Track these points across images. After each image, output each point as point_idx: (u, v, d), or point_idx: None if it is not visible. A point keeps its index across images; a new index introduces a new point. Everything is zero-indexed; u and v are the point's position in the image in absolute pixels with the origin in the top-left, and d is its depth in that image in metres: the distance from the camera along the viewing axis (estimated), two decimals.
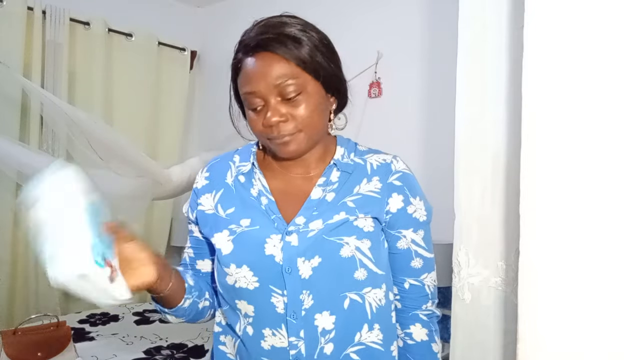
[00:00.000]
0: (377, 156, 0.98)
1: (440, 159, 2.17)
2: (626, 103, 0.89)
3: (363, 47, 2.57)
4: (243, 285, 0.87)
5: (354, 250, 0.87)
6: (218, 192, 0.95)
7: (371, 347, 0.90)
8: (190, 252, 1.03)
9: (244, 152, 0.99)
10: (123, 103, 3.03)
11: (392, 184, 0.94)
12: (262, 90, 0.85)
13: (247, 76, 0.86)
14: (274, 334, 0.87)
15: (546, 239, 0.96)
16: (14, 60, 2.54)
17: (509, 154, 1.16)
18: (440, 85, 2.29)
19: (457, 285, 1.26)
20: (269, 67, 0.84)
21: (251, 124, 0.90)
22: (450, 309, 1.29)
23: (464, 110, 1.24)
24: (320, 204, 0.90)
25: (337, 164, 0.94)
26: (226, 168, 0.97)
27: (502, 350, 1.20)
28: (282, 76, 0.84)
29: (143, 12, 3.18)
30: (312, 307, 0.86)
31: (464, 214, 1.24)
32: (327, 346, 0.86)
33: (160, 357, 1.94)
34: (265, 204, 0.91)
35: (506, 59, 1.17)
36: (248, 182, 0.94)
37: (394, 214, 0.93)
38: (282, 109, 0.85)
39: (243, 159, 0.97)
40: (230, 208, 0.92)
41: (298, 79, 0.85)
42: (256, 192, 0.93)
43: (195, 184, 0.99)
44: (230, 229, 0.90)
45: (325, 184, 0.92)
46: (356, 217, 0.89)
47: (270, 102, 0.85)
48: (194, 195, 0.98)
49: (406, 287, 0.97)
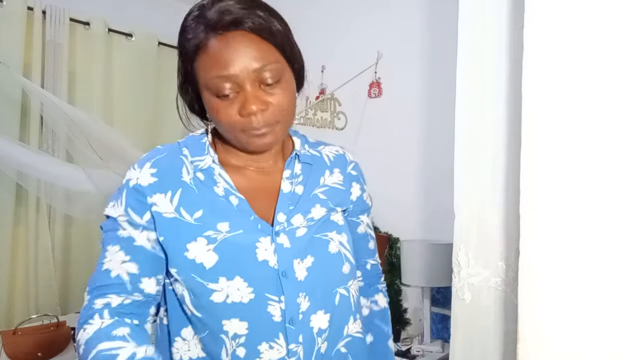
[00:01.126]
0: (329, 148, 0.98)
1: (440, 159, 2.17)
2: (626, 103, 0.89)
3: (363, 47, 2.57)
4: (236, 300, 0.77)
5: (339, 246, 0.87)
6: (176, 193, 0.80)
7: (355, 337, 0.89)
8: (130, 268, 0.80)
9: (193, 145, 0.86)
10: (123, 103, 3.03)
11: (350, 174, 0.97)
12: (238, 75, 0.73)
13: (217, 58, 0.74)
14: (271, 346, 0.78)
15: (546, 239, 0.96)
16: (14, 60, 2.54)
17: (509, 154, 1.16)
18: (440, 85, 2.29)
19: (457, 285, 1.26)
20: (247, 49, 0.73)
21: (218, 115, 0.77)
22: (450, 309, 1.29)
23: (464, 110, 1.24)
24: (292, 197, 0.86)
25: (299, 155, 0.90)
26: (179, 164, 0.83)
27: (502, 350, 1.20)
28: (262, 59, 0.74)
29: (143, 12, 3.18)
30: (309, 309, 0.81)
31: (464, 214, 1.24)
32: (323, 345, 0.84)
33: None
34: (236, 205, 0.81)
35: (506, 59, 1.17)
36: (209, 179, 0.82)
37: (354, 202, 0.97)
38: (262, 96, 0.75)
39: (196, 153, 0.84)
40: (197, 211, 0.79)
41: (278, 64, 0.76)
42: (222, 192, 0.82)
43: (136, 180, 0.80)
44: (208, 236, 0.78)
45: (292, 177, 0.88)
46: (334, 211, 0.90)
47: (247, 88, 0.75)
48: (134, 194, 0.80)
49: (368, 268, 1.04)
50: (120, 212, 0.81)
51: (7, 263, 2.60)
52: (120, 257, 0.80)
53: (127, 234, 0.81)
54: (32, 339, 1.79)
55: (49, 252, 2.70)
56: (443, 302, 2.20)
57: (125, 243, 0.80)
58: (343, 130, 2.66)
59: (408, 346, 2.08)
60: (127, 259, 0.80)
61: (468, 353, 1.26)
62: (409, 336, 2.20)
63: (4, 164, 2.28)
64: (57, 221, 2.78)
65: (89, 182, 2.35)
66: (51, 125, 2.58)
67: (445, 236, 1.42)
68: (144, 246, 0.80)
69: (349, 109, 2.68)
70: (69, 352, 1.85)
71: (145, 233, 0.80)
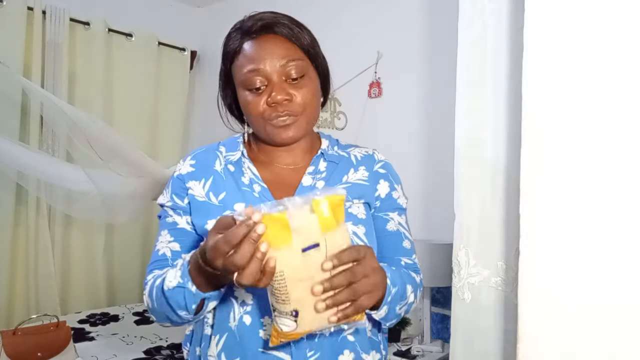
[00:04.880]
0: (359, 149, 1.03)
1: (440, 159, 2.17)
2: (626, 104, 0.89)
3: (363, 47, 2.58)
4: None
5: (352, 235, 0.88)
6: (208, 180, 0.92)
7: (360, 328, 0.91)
8: (174, 246, 0.92)
9: (229, 143, 0.98)
10: (123, 103, 3.04)
11: (377, 172, 0.99)
12: (267, 69, 0.85)
13: (250, 56, 0.87)
14: None
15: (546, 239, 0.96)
16: (14, 60, 2.54)
17: (509, 154, 1.16)
18: (440, 85, 2.29)
19: (457, 285, 1.26)
20: (275, 47, 0.86)
21: (249, 107, 0.88)
22: (450, 309, 1.29)
23: (463, 111, 1.24)
24: (312, 190, 0.90)
25: (324, 154, 0.97)
26: (213, 157, 0.95)
27: (502, 350, 1.20)
28: (288, 56, 0.86)
29: (143, 12, 3.19)
30: None
31: (464, 214, 1.24)
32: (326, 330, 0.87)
33: (160, 357, 1.94)
34: (258, 192, 0.90)
35: (506, 59, 1.17)
36: (238, 170, 0.93)
37: (382, 199, 0.97)
38: (287, 88, 0.86)
39: (230, 150, 0.96)
40: (221, 194, 0.90)
41: (302, 62, 0.88)
42: (247, 181, 0.92)
43: (178, 171, 0.94)
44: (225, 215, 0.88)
45: (314, 173, 0.94)
46: (351, 203, 0.92)
47: (274, 80, 0.86)
48: (177, 182, 0.93)
49: (402, 264, 0.99)
50: (167, 199, 0.94)
51: (7, 263, 2.60)
52: (167, 239, 0.93)
53: (172, 219, 0.93)
54: (32, 339, 1.79)
55: (49, 252, 2.70)
56: (443, 302, 2.20)
57: (171, 227, 0.93)
58: (343, 130, 2.66)
59: (408, 346, 2.08)
60: (171, 239, 0.92)
61: (468, 353, 1.25)
62: (409, 336, 2.20)
63: (4, 164, 2.28)
64: (57, 221, 2.78)
65: (89, 182, 2.35)
66: (51, 125, 2.59)
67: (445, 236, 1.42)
68: (185, 228, 0.92)
69: (349, 109, 2.68)
70: (69, 352, 1.85)
71: (185, 217, 0.92)
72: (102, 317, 2.45)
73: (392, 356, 1.99)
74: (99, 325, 2.33)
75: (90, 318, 2.43)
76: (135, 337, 2.16)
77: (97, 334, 2.19)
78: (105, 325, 2.34)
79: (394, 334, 2.14)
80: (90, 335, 2.17)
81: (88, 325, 2.33)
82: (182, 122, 3.37)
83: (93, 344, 2.06)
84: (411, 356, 2.00)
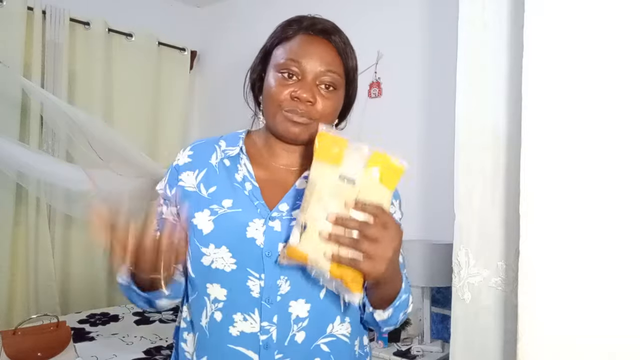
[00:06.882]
0: None
1: (440, 159, 2.17)
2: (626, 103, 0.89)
3: (363, 47, 2.54)
4: (220, 267, 0.87)
5: None
6: (201, 172, 0.94)
7: (340, 339, 0.90)
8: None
9: (230, 138, 0.98)
10: (123, 103, 3.03)
11: None
12: (307, 66, 0.87)
13: (298, 47, 0.88)
14: (246, 318, 0.86)
15: (546, 239, 0.96)
16: (14, 60, 2.54)
17: (509, 154, 1.16)
18: (440, 85, 2.29)
19: (457, 285, 1.26)
20: (323, 52, 0.88)
21: (272, 90, 0.88)
22: (450, 309, 1.29)
23: (463, 111, 1.24)
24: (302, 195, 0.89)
25: None
26: (211, 150, 0.96)
27: (502, 350, 1.20)
28: (331, 65, 0.88)
29: (143, 12, 3.18)
30: (288, 293, 0.86)
31: (464, 214, 1.24)
32: (299, 334, 0.87)
33: (160, 357, 1.94)
34: (249, 190, 0.91)
35: (506, 59, 1.17)
36: (233, 166, 0.94)
37: None
38: (316, 92, 0.88)
39: (230, 144, 0.96)
40: (212, 187, 0.91)
41: (340, 78, 0.90)
42: (240, 178, 0.92)
43: (176, 161, 0.97)
44: (212, 209, 0.89)
45: None
46: None
47: (308, 79, 0.87)
48: (173, 172, 0.96)
49: None
50: (161, 187, 0.97)
51: (7, 263, 2.60)
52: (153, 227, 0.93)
53: (160, 208, 0.96)
54: (32, 339, 1.79)
55: (49, 252, 2.70)
56: (443, 302, 2.20)
57: (158, 216, 0.95)
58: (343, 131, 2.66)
59: (408, 346, 2.08)
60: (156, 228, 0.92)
61: (468, 353, 1.26)
62: (409, 336, 2.20)
63: (4, 164, 2.28)
64: (57, 221, 2.78)
65: (89, 182, 2.35)
66: (51, 125, 2.58)
67: (445, 236, 1.42)
68: (167, 219, 0.92)
69: None
70: (69, 352, 1.85)
71: (171, 208, 0.94)
72: (102, 317, 2.45)
73: (392, 356, 1.99)
74: (99, 325, 2.33)
75: (90, 318, 2.43)
76: (135, 337, 2.15)
77: (97, 334, 2.19)
78: (105, 325, 2.34)
79: (394, 334, 2.14)
80: (90, 335, 2.17)
81: (88, 325, 2.32)
82: (182, 122, 3.37)
83: (93, 344, 2.06)
84: (411, 356, 2.00)
